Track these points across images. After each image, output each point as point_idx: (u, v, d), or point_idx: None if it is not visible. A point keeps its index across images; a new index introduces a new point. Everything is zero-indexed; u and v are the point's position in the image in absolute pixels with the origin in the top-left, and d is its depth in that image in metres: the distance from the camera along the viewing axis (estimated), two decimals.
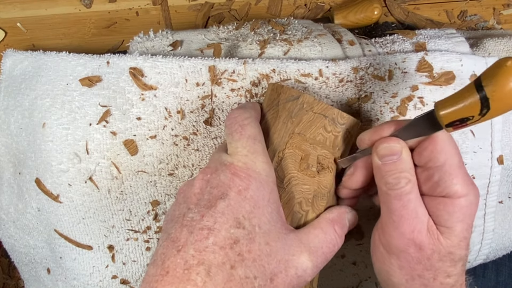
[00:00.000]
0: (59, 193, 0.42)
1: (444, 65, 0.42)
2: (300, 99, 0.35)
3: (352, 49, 0.44)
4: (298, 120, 0.35)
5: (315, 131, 0.35)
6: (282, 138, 0.35)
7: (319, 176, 0.36)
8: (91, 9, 0.54)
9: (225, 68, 0.41)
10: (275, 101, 0.36)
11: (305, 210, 0.35)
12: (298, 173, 0.35)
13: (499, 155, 0.43)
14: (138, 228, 0.43)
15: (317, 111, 0.35)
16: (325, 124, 0.35)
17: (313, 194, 0.35)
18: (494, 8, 0.56)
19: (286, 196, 0.35)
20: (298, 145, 0.35)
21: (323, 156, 0.36)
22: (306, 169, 0.35)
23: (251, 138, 0.33)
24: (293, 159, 0.35)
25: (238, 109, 0.35)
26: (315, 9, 0.55)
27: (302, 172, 0.35)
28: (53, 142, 0.41)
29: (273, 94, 0.37)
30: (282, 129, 0.36)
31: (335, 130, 0.35)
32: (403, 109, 0.41)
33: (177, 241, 0.29)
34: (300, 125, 0.35)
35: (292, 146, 0.35)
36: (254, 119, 0.35)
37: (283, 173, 0.35)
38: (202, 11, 0.55)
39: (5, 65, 0.45)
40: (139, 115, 0.41)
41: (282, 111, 0.36)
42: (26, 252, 0.48)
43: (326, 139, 0.35)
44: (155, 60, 0.41)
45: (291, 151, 0.35)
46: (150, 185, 0.42)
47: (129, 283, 0.44)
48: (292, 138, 0.35)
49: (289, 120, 0.35)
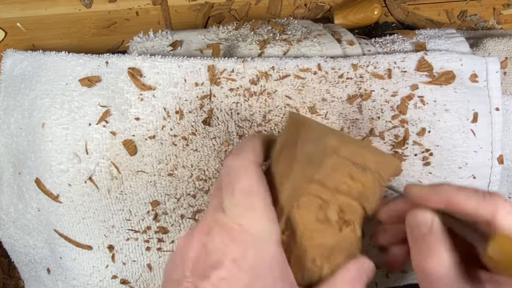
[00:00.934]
0: (59, 193, 0.42)
1: (444, 65, 0.42)
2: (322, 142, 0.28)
3: (351, 49, 0.44)
4: (318, 165, 0.28)
5: (339, 179, 0.29)
6: (298, 185, 0.29)
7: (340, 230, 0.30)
8: (91, 9, 0.54)
9: (224, 67, 0.41)
10: (293, 138, 0.30)
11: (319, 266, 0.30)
12: (314, 225, 0.30)
13: (499, 155, 0.43)
14: (138, 228, 0.43)
15: (343, 156, 0.28)
16: (351, 171, 0.29)
17: (330, 250, 0.30)
18: (494, 8, 0.56)
19: (298, 250, 0.30)
20: (316, 193, 0.29)
21: (349, 207, 0.30)
22: (325, 221, 0.30)
23: (245, 192, 0.28)
24: (309, 209, 0.29)
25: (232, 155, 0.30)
26: (315, 9, 0.55)
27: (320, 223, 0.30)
28: (52, 142, 0.41)
29: (292, 129, 0.31)
30: (298, 174, 0.29)
31: (364, 178, 0.29)
32: (404, 108, 0.41)
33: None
34: (320, 172, 0.29)
35: (309, 193, 0.29)
36: (250, 166, 0.29)
37: (297, 224, 0.30)
38: (202, 11, 0.55)
39: (5, 65, 0.45)
40: (137, 115, 0.41)
41: (300, 153, 0.29)
42: (26, 252, 0.48)
43: (352, 189, 0.29)
44: (154, 60, 0.41)
45: (308, 199, 0.29)
46: (149, 185, 0.42)
47: (129, 283, 0.44)
48: (310, 185, 0.29)
49: (308, 165, 0.29)
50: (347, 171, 0.29)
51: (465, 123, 0.42)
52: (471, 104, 0.42)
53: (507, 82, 0.47)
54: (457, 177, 0.42)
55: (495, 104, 0.43)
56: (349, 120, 0.41)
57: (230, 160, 0.30)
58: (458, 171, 0.42)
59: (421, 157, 0.42)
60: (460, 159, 0.42)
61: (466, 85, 0.42)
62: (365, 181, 0.29)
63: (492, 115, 0.43)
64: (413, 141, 0.41)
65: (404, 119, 0.41)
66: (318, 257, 0.30)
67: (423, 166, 0.42)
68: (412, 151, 0.41)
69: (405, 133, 0.41)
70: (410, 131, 0.41)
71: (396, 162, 0.30)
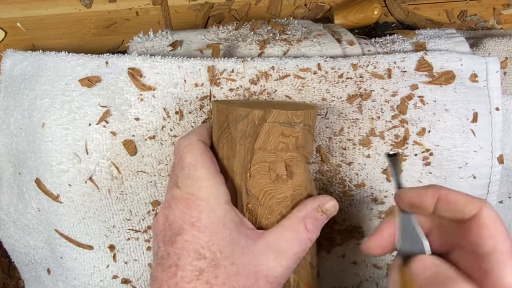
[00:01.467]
0: (59, 193, 0.42)
1: (444, 65, 0.42)
2: (249, 117, 0.33)
3: (351, 49, 0.44)
4: (254, 136, 0.34)
5: (274, 141, 0.34)
6: (244, 159, 0.34)
7: (292, 180, 0.35)
8: (91, 9, 0.54)
9: (224, 67, 0.41)
10: (225, 123, 0.35)
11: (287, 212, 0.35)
12: (270, 185, 0.34)
13: (500, 155, 0.43)
14: (139, 227, 0.43)
15: (270, 121, 0.33)
16: (282, 130, 0.34)
17: (291, 199, 0.35)
18: (494, 8, 0.56)
19: (266, 211, 0.34)
20: (262, 159, 0.34)
21: (290, 159, 0.35)
22: (277, 178, 0.34)
23: (191, 166, 0.33)
24: (261, 173, 0.34)
25: (180, 138, 0.35)
26: (315, 9, 0.55)
27: (274, 182, 0.34)
28: (52, 142, 0.41)
29: (221, 116, 0.35)
30: (241, 151, 0.34)
31: (293, 132, 0.34)
32: (404, 108, 0.41)
33: (155, 280, 0.32)
34: (258, 141, 0.34)
35: (256, 162, 0.34)
36: (194, 144, 0.34)
37: (256, 190, 0.34)
38: (202, 11, 0.55)
39: (5, 65, 0.45)
40: (137, 116, 0.41)
41: (235, 132, 0.34)
42: (26, 252, 0.48)
43: (288, 144, 0.34)
44: (154, 60, 0.41)
45: (257, 167, 0.34)
46: (150, 185, 0.42)
47: (131, 282, 0.44)
48: (254, 154, 0.34)
49: (246, 140, 0.34)
50: (278, 131, 0.34)
51: (465, 123, 0.42)
52: (471, 104, 0.42)
53: (507, 82, 0.47)
54: (457, 177, 0.42)
55: (495, 104, 0.43)
56: (349, 120, 0.41)
57: (178, 141, 0.35)
58: (458, 171, 0.42)
59: (421, 157, 0.42)
60: (460, 159, 0.42)
61: (466, 85, 0.42)
62: (295, 134, 0.34)
63: (492, 115, 0.43)
64: (413, 141, 0.41)
65: (404, 119, 0.41)
66: (284, 209, 0.34)
67: (423, 166, 0.42)
68: (412, 151, 0.41)
69: (405, 133, 0.41)
70: (410, 131, 0.41)
71: (313, 108, 0.36)
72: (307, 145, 0.36)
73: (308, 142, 0.36)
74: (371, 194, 0.43)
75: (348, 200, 0.43)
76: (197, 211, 0.32)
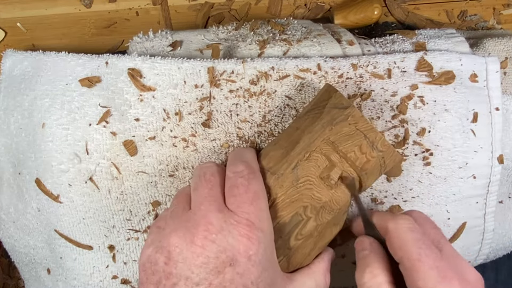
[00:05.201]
0: (59, 193, 0.42)
1: (444, 65, 0.42)
2: (347, 110, 0.34)
3: (351, 49, 0.44)
4: (338, 129, 0.34)
5: (349, 146, 0.34)
6: (314, 140, 0.34)
7: (335, 190, 0.34)
8: (91, 9, 0.54)
9: (224, 69, 0.41)
10: (324, 102, 0.35)
11: (308, 216, 0.34)
12: (316, 179, 0.34)
13: (500, 155, 0.43)
14: (139, 227, 0.43)
15: (359, 128, 0.33)
16: (362, 144, 0.33)
17: (322, 205, 0.34)
18: (494, 8, 0.56)
19: (296, 195, 0.34)
20: (327, 153, 0.34)
21: (348, 174, 0.34)
22: (326, 178, 0.34)
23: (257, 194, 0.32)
24: (317, 164, 0.34)
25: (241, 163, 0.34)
26: (315, 9, 0.55)
27: (321, 180, 0.34)
28: (52, 142, 0.41)
29: (325, 95, 0.36)
30: (318, 132, 0.34)
31: (370, 154, 0.34)
32: (403, 108, 0.41)
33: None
34: (337, 135, 0.34)
35: (320, 151, 0.34)
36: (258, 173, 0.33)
37: (302, 173, 0.34)
38: (202, 11, 0.55)
39: (5, 65, 0.45)
40: (137, 116, 0.41)
41: (326, 114, 0.34)
42: (26, 252, 0.48)
43: (358, 159, 0.34)
44: (154, 61, 0.41)
45: (318, 156, 0.34)
46: (150, 186, 0.42)
47: (130, 282, 0.44)
48: (324, 144, 0.34)
49: (328, 126, 0.34)
50: (358, 141, 0.33)
51: (465, 123, 0.42)
52: (471, 104, 0.42)
53: (507, 82, 0.47)
54: (457, 177, 0.42)
55: (495, 104, 0.43)
56: None
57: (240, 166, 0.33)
58: (458, 171, 0.42)
59: (421, 157, 0.42)
60: (460, 159, 0.42)
61: (466, 85, 0.43)
62: (370, 156, 0.34)
63: (492, 115, 0.43)
64: (413, 141, 0.41)
65: (404, 119, 0.41)
66: (310, 207, 0.34)
67: (424, 166, 0.42)
68: (412, 151, 0.41)
69: (405, 133, 0.41)
70: (410, 131, 0.41)
71: (400, 157, 0.35)
72: (368, 179, 0.35)
73: (371, 175, 0.35)
74: (371, 194, 0.43)
75: None
76: (257, 243, 0.30)
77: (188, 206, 0.33)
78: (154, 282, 0.30)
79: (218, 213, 0.31)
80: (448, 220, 0.44)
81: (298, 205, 0.34)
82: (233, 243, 0.29)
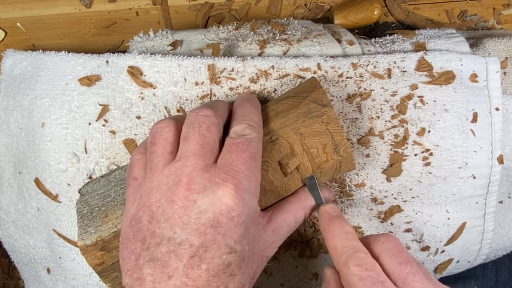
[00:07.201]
0: (58, 193, 0.42)
1: (444, 65, 0.42)
2: (325, 108, 0.35)
3: (351, 49, 0.44)
4: (310, 123, 0.35)
5: (315, 143, 0.35)
6: (285, 126, 0.35)
7: (288, 179, 0.36)
8: (91, 9, 0.54)
9: (224, 66, 0.41)
10: (306, 93, 0.36)
11: None
12: (274, 163, 0.35)
13: (499, 155, 0.43)
14: None
15: (330, 129, 0.35)
16: (327, 144, 0.35)
17: (272, 189, 0.35)
18: (494, 8, 0.56)
19: None
20: (292, 142, 0.35)
21: (304, 168, 0.36)
22: (284, 165, 0.35)
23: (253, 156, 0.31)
24: (280, 149, 0.35)
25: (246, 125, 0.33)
26: (315, 9, 0.55)
27: (279, 165, 0.35)
28: (51, 141, 0.41)
29: (308, 87, 0.37)
30: (291, 119, 0.35)
31: (331, 155, 0.35)
32: (403, 108, 0.41)
33: (166, 267, 0.28)
34: (307, 128, 0.35)
35: (287, 139, 0.35)
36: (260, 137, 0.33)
37: (264, 154, 0.34)
38: (202, 11, 0.55)
39: (5, 65, 0.45)
40: (138, 114, 0.41)
41: (304, 106, 0.35)
42: (26, 252, 0.48)
43: (318, 156, 0.35)
44: (154, 59, 0.41)
45: (283, 142, 0.35)
46: None
47: None
48: (293, 133, 0.35)
49: (302, 118, 0.35)
50: (325, 140, 0.35)
51: (465, 123, 0.42)
52: (471, 104, 0.42)
53: (507, 82, 0.47)
54: (457, 177, 0.42)
55: (495, 104, 0.43)
56: (349, 119, 0.41)
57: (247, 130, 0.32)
58: (458, 171, 0.42)
59: (421, 157, 0.42)
60: (460, 159, 0.42)
61: (466, 85, 0.42)
62: (330, 158, 0.35)
63: (492, 115, 0.43)
64: (413, 141, 0.41)
65: (403, 119, 0.41)
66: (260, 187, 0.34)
67: (423, 166, 0.42)
68: (412, 151, 0.41)
69: (405, 133, 0.41)
70: (410, 131, 0.41)
71: (354, 167, 0.37)
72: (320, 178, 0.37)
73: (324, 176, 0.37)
74: (371, 194, 0.43)
75: (348, 200, 0.43)
76: (242, 204, 0.29)
77: (171, 156, 0.31)
78: (140, 239, 0.30)
79: (203, 172, 0.30)
80: (448, 220, 0.44)
81: None
82: (215, 204, 0.29)
